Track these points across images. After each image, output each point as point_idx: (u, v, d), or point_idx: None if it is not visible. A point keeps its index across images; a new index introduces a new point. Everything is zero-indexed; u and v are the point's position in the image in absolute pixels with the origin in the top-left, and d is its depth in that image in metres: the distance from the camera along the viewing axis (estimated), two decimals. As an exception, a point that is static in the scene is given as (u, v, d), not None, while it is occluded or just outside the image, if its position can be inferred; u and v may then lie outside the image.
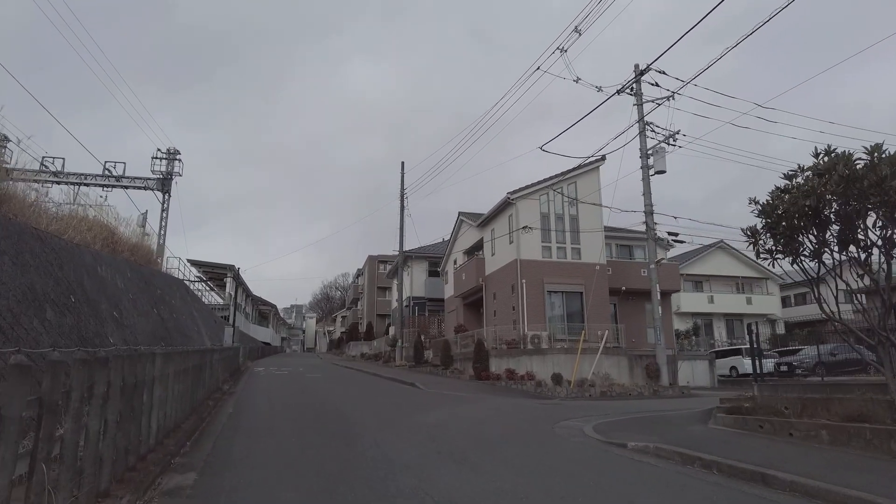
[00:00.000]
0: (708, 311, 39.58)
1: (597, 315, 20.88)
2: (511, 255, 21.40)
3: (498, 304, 22.63)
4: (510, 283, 21.44)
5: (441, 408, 12.03)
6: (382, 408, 11.96)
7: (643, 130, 20.99)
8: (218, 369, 14.67)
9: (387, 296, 53.16)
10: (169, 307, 19.43)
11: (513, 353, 19.03)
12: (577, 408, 13.13)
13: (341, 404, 12.40)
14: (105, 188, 35.34)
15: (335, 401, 13.17)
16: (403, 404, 12.75)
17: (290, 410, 11.14)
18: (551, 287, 20.87)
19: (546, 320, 20.37)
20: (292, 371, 25.57)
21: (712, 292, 40.15)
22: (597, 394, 17.53)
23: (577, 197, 22.14)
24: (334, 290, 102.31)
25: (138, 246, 20.13)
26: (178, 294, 24.11)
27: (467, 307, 27.40)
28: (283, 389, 15.99)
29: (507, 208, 21.97)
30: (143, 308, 14.41)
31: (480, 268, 24.35)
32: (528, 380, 18.14)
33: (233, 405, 11.74)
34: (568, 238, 21.75)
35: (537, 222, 21.25)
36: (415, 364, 26.64)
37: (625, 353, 19.12)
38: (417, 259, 35.39)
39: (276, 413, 10.70)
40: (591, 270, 21.57)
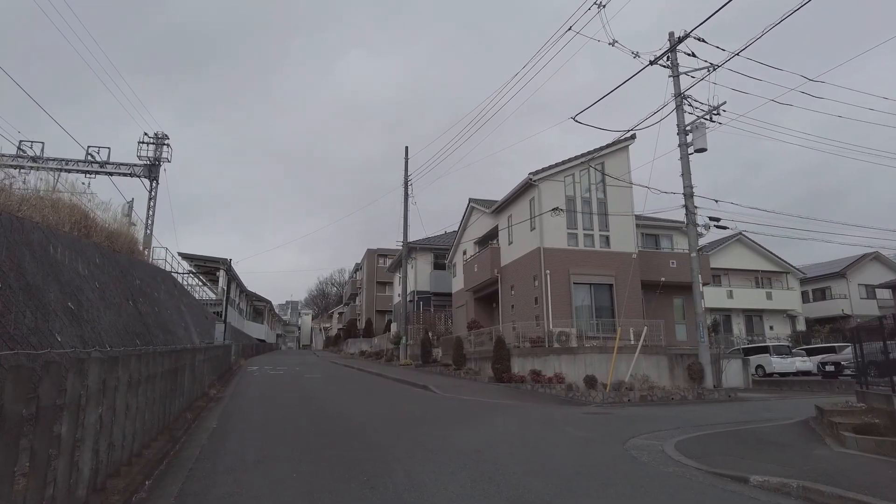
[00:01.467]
0: (726, 306, 37.58)
1: (628, 309, 18.80)
2: (533, 243, 19.28)
3: (516, 298, 20.53)
4: (531, 274, 19.34)
5: (473, 420, 9.92)
6: (401, 420, 9.83)
7: (680, 105, 18.91)
8: (203, 371, 12.50)
9: (387, 291, 51.04)
10: (151, 300, 17.23)
11: (538, 353, 16.93)
12: (628, 418, 11.06)
13: (350, 414, 10.27)
14: (87, 174, 33.06)
15: (342, 409, 11.04)
16: (425, 415, 10.62)
17: (288, 425, 8.99)
18: (578, 278, 18.77)
19: (573, 315, 18.28)
20: (289, 371, 23.40)
21: (731, 287, 38.18)
22: (636, 398, 15.48)
23: (605, 177, 20.03)
24: (330, 287, 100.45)
25: (118, 233, 18.00)
26: (164, 287, 21.89)
27: (479, 302, 25.28)
28: (279, 394, 13.85)
29: (527, 191, 19.84)
30: (115, 300, 12.23)
31: (495, 258, 22.22)
32: (556, 383, 16.06)
33: (218, 417, 9.58)
34: (596, 224, 19.64)
35: (562, 206, 19.13)
36: (422, 363, 24.52)
37: (664, 351, 17.06)
38: (422, 251, 33.23)
39: (271, 429, 8.55)
40: (622, 260, 19.50)
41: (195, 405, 10.59)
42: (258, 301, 65.68)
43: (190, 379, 10.10)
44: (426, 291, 32.80)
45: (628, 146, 20.64)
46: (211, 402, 11.81)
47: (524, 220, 19.77)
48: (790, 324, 39.44)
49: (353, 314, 59.04)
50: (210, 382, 13.61)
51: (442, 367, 22.16)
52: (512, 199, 21.01)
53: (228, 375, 20.55)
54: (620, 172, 20.14)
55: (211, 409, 10.90)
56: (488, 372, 18.39)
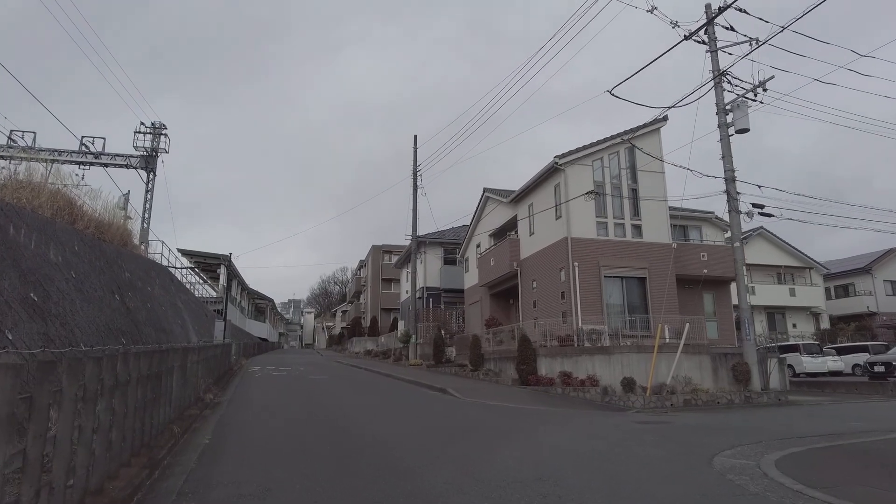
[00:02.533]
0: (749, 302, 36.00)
1: (662, 305, 17.27)
2: (558, 233, 17.73)
3: (539, 293, 18.99)
4: (557, 266, 17.79)
5: (514, 433, 8.39)
6: (430, 433, 8.31)
7: (719, 81, 17.35)
8: (198, 373, 11.00)
9: (392, 288, 49.55)
10: (142, 295, 15.74)
11: (567, 353, 15.39)
12: (690, 429, 9.53)
13: (368, 425, 8.76)
14: (81, 165, 31.51)
15: (357, 419, 9.53)
16: (455, 426, 9.09)
17: (297, 440, 7.47)
18: (609, 271, 17.22)
19: (604, 311, 16.73)
20: (292, 371, 21.91)
21: (753, 283, 36.55)
22: (679, 403, 13.94)
23: (635, 162, 18.47)
24: (332, 285, 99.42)
25: (109, 224, 16.54)
26: (160, 282, 20.39)
27: (495, 298, 23.75)
28: (283, 399, 12.34)
29: (552, 176, 18.28)
30: (97, 293, 10.73)
31: (514, 250, 20.67)
32: (590, 385, 14.53)
33: (212, 430, 8.07)
34: (627, 212, 18.08)
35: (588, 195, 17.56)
36: (434, 364, 23.01)
37: (707, 350, 15.51)
38: (432, 245, 31.68)
39: (275, 446, 7.03)
40: (656, 251, 17.97)
41: (187, 414, 9.09)
42: (260, 299, 64.31)
43: (180, 383, 8.60)
44: (436, 288, 31.27)
45: (660, 129, 19.09)
46: (206, 410, 10.32)
47: (548, 207, 18.20)
48: (814, 321, 37.85)
49: (358, 312, 57.56)
50: (206, 386, 12.11)
51: (457, 367, 20.63)
52: (534, 185, 19.44)
53: (228, 376, 19.08)
54: (653, 155, 18.57)
55: (206, 418, 9.40)
56: (511, 373, 16.86)
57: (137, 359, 5.73)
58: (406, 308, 36.23)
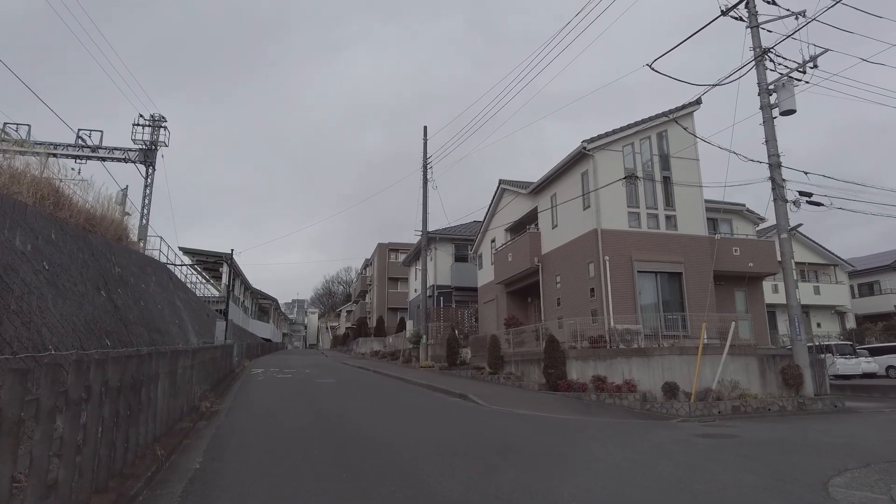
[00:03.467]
0: (771, 301, 34.51)
1: (699, 302, 15.90)
2: (586, 225, 16.35)
3: (564, 290, 17.61)
4: (585, 260, 16.41)
5: (562, 451, 7.04)
6: (463, 451, 6.95)
7: (761, 59, 15.97)
8: (192, 379, 9.69)
9: (399, 287, 48.25)
10: (135, 292, 14.47)
11: (600, 355, 14.02)
12: (761, 443, 8.16)
13: (389, 440, 7.43)
14: (78, 160, 30.33)
15: (376, 432, 8.19)
16: (491, 443, 7.73)
17: (307, 463, 6.14)
18: (643, 266, 15.83)
19: (637, 309, 15.36)
20: (297, 374, 20.61)
21: (776, 281, 35.07)
22: (727, 410, 12.57)
23: (668, 149, 17.09)
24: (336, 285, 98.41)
25: (102, 217, 15.30)
26: (156, 279, 19.12)
27: (512, 296, 22.38)
28: (289, 407, 11.02)
29: (579, 163, 16.89)
30: (77, 288, 9.45)
31: (535, 245, 19.29)
32: (627, 391, 13.17)
33: (205, 449, 6.75)
34: (660, 202, 16.69)
35: (620, 183, 16.18)
36: (448, 366, 21.66)
37: (753, 352, 14.13)
38: (442, 241, 30.32)
39: (282, 472, 5.70)
40: (692, 244, 16.59)
41: (178, 428, 7.78)
42: (263, 299, 63.14)
43: (168, 393, 7.29)
44: (447, 286, 29.90)
45: (693, 113, 17.69)
46: (201, 421, 9.01)
47: (574, 197, 16.80)
48: (839, 321, 36.34)
49: (363, 312, 56.25)
50: (202, 393, 10.79)
51: (473, 370, 19.28)
52: (557, 174, 18.04)
53: (229, 380, 17.78)
54: (685, 143, 17.21)
55: (200, 432, 8.09)
56: (535, 377, 15.50)
57: (102, 367, 4.41)
58: (415, 307, 34.89)
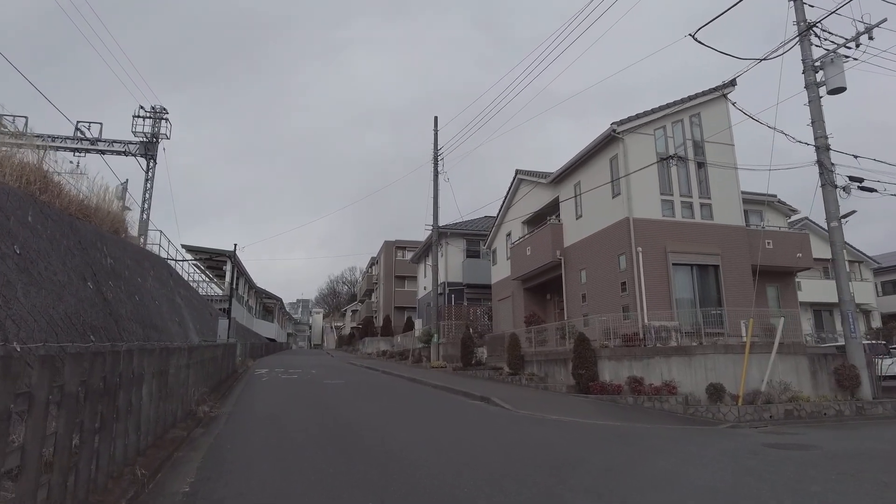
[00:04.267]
0: (801, 299, 33.18)
1: (736, 297, 14.72)
2: (616, 214, 15.17)
3: (589, 285, 16.42)
4: (614, 252, 15.22)
5: (634, 474, 5.88)
6: (512, 472, 5.80)
7: (806, 34, 14.75)
8: (188, 381, 8.58)
9: (406, 286, 47.12)
10: (130, 287, 13.39)
11: (635, 354, 12.82)
12: (845, 456, 6.98)
13: (417, 457, 6.28)
14: (76, 153, 29.33)
15: (399, 445, 7.05)
16: (537, 457, 6.58)
17: (324, 494, 4.98)
18: (677, 258, 14.64)
19: (672, 305, 14.17)
20: (303, 375, 19.49)
21: (798, 278, 33.75)
22: (779, 414, 11.36)
23: (702, 132, 15.89)
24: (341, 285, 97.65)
25: (97, 208, 14.25)
26: (155, 274, 18.04)
27: (529, 292, 21.19)
28: (297, 413, 9.88)
29: (607, 147, 15.70)
30: (56, 277, 8.34)
31: (557, 237, 18.10)
32: (667, 394, 11.97)
33: (198, 467, 5.62)
34: (694, 189, 15.49)
35: (653, 168, 14.99)
36: (462, 366, 20.49)
37: (803, 351, 12.92)
38: (453, 237, 29.15)
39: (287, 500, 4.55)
40: (728, 234, 15.41)
41: (168, 437, 6.66)
42: (268, 298, 62.16)
43: (157, 397, 6.17)
44: (458, 283, 28.74)
45: (727, 94, 16.48)
46: (197, 429, 7.89)
47: (602, 184, 15.59)
48: (864, 319, 34.97)
49: (369, 311, 55.14)
50: (200, 396, 9.67)
51: (491, 371, 18.10)
52: (582, 160, 16.84)
53: (232, 381, 16.68)
54: (719, 126, 16.01)
55: (194, 443, 6.96)
56: (562, 378, 14.32)
57: (50, 366, 3.28)
58: (424, 306, 33.76)
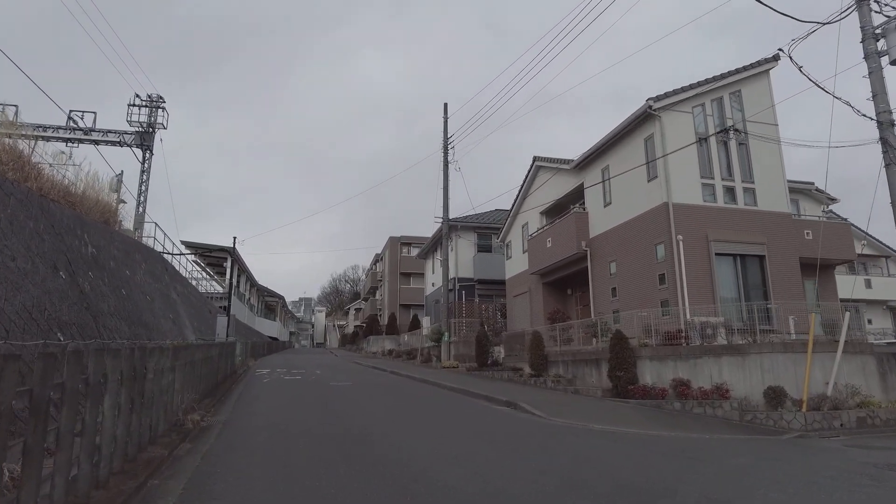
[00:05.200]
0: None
1: (784, 290, 13.37)
2: (652, 199, 13.80)
3: (620, 278, 15.07)
4: (650, 242, 13.86)
5: None
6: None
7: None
8: (174, 386, 7.25)
9: (412, 283, 45.85)
10: (116, 279, 12.08)
11: (680, 354, 11.46)
12: None
13: (459, 489, 4.95)
14: (69, 143, 28.06)
15: (436, 473, 5.72)
16: (616, 486, 5.24)
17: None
18: (720, 247, 13.28)
19: (716, 299, 12.81)
20: (307, 375, 18.19)
21: (823, 274, 32.33)
22: (851, 422, 10.00)
23: (743, 111, 14.51)
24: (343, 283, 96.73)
25: (83, 196, 13.03)
26: (147, 268, 16.75)
27: (549, 288, 19.84)
28: (302, 422, 8.54)
29: (642, 126, 14.34)
30: (16, 264, 7.03)
31: (582, 226, 16.73)
32: (719, 398, 10.61)
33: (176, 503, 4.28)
34: (737, 172, 14.12)
35: (692, 150, 13.61)
36: (477, 367, 19.15)
37: (870, 350, 11.56)
38: (464, 230, 27.78)
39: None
40: (774, 222, 14.04)
41: (143, 458, 5.33)
42: (270, 297, 60.94)
43: (126, 410, 4.83)
44: (469, 278, 27.39)
45: (769, 70, 15.10)
46: (184, 444, 6.57)
47: (635, 166, 14.22)
48: (891, 317, 33.56)
49: (374, 309, 53.84)
50: (190, 402, 8.33)
51: (510, 372, 16.76)
52: (612, 142, 15.45)
53: (230, 383, 15.36)
54: (761, 104, 14.64)
55: (177, 463, 5.64)
56: (593, 381, 12.97)
57: None
58: (432, 303, 32.44)
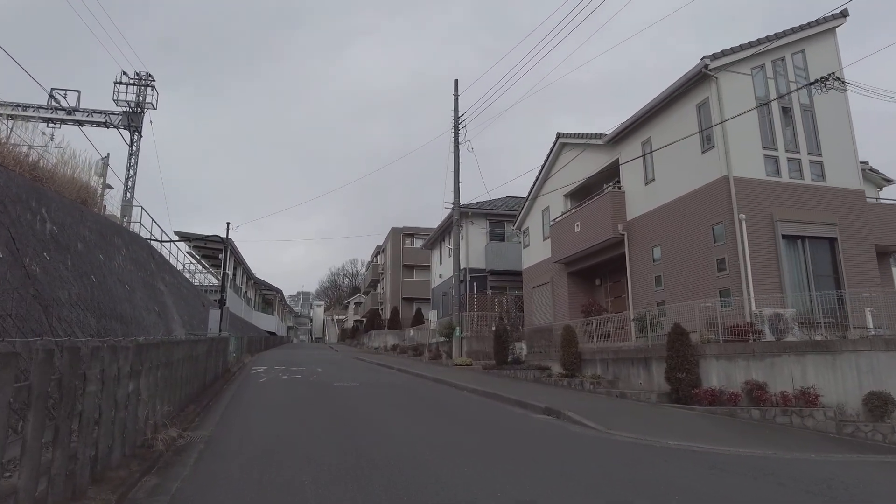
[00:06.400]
0: None
1: (857, 277, 11.60)
2: (707, 173, 12.01)
3: (665, 265, 13.29)
4: (704, 222, 12.08)
5: None
6: None
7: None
8: (139, 397, 5.45)
9: (415, 275, 44.06)
10: (84, 263, 10.23)
11: (753, 352, 9.68)
12: None
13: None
14: (51, 123, 26.05)
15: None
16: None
17: None
18: (787, 228, 11.51)
19: (785, 287, 11.04)
20: (308, 373, 16.44)
21: None
22: (971, 436, 8.24)
23: (808, 74, 12.70)
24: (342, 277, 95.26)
25: (55, 173, 11.28)
26: (129, 254, 14.88)
27: (575, 278, 18.05)
28: (304, 440, 6.74)
29: (694, 90, 12.50)
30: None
31: (619, 207, 14.92)
32: (804, 405, 8.84)
33: None
34: (802, 143, 12.34)
35: (753, 117, 11.80)
36: (496, 364, 17.38)
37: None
38: (476, 216, 25.95)
39: None
40: (845, 200, 12.27)
41: (87, 500, 3.53)
42: (268, 290, 59.12)
43: (34, 448, 3.03)
44: (480, 269, 25.58)
45: (835, 28, 13.29)
46: (148, 476, 4.78)
47: (685, 136, 12.38)
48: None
49: (375, 303, 52.08)
50: (163, 417, 6.53)
51: (536, 371, 14.98)
52: (656, 110, 13.59)
53: (222, 383, 13.57)
54: (827, 66, 12.81)
55: (126, 517, 3.84)
56: (641, 382, 11.21)
57: None
58: (439, 295, 30.67)
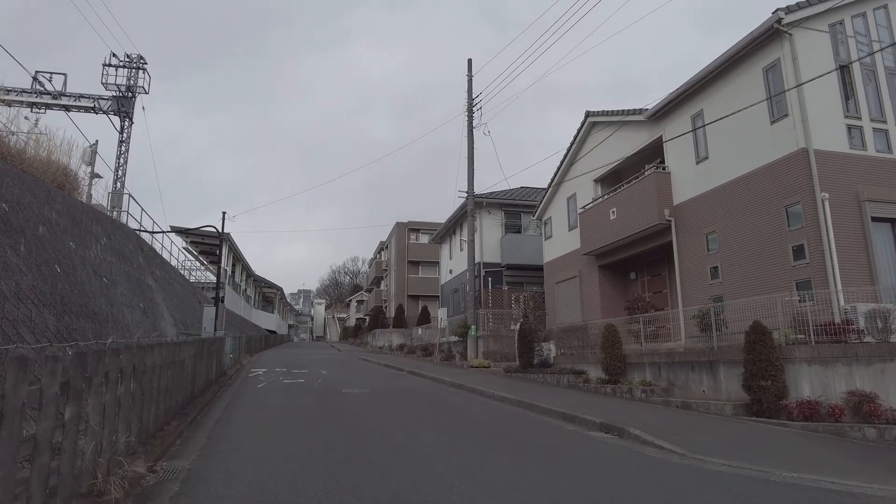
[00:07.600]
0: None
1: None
2: (779, 147, 10.31)
3: (724, 255, 11.60)
4: (776, 203, 10.39)
5: None
6: None
7: None
8: (75, 426, 3.78)
9: (421, 272, 42.40)
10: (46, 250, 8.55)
11: (856, 356, 7.99)
12: None
13: None
14: (35, 108, 24.35)
15: None
16: None
17: None
18: (877, 209, 9.85)
19: (877, 278, 9.38)
20: (311, 377, 14.76)
21: None
22: None
23: (892, 32, 11.00)
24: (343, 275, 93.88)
25: (21, 153, 9.80)
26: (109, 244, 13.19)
27: (606, 272, 16.36)
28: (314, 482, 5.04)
29: (761, 50, 10.80)
30: None
31: (664, 190, 13.22)
32: (933, 423, 7.16)
33: None
34: (889, 112, 10.65)
35: (832, 81, 10.11)
36: (521, 368, 15.70)
37: None
38: (490, 206, 24.23)
39: None
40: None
41: None
42: (268, 288, 57.49)
43: None
44: (496, 263, 23.90)
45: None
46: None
47: (751, 104, 10.63)
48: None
49: (378, 301, 50.42)
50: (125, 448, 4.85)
51: (570, 376, 13.29)
52: (709, 77, 11.83)
53: (216, 389, 11.87)
54: (912, 26, 11.08)
55: None
56: (704, 390, 9.52)
57: None
58: (449, 292, 28.98)
